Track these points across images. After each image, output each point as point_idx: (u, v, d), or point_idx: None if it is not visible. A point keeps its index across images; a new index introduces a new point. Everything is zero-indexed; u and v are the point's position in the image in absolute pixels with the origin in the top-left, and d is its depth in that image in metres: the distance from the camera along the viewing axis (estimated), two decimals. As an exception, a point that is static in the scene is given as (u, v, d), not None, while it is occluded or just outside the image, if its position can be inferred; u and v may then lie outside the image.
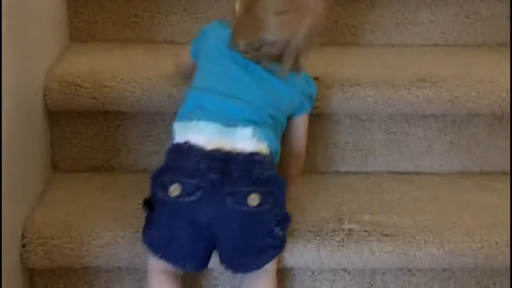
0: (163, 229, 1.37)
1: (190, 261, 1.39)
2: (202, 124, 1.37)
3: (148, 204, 1.39)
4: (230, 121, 1.38)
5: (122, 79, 1.61)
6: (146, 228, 1.39)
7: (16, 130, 1.43)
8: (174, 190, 1.33)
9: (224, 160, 1.35)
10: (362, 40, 1.89)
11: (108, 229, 1.46)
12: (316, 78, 1.59)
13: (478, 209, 1.58)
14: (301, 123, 1.55)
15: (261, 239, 1.39)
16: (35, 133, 1.58)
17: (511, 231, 1.48)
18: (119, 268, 1.51)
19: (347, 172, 1.72)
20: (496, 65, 1.76)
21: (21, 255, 1.45)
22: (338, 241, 1.47)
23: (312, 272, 1.53)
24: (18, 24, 1.45)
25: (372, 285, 1.54)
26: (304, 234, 1.47)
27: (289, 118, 1.51)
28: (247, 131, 1.38)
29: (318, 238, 1.47)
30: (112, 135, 1.68)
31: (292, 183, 1.54)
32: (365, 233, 1.48)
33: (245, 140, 1.37)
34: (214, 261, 1.40)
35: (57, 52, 1.74)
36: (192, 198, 1.33)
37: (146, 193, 1.39)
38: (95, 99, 1.61)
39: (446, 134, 1.72)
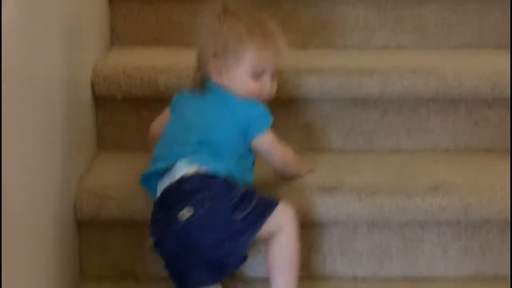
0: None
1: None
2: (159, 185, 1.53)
3: None
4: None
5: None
6: None
7: (49, 238, 1.47)
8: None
9: (164, 197, 1.50)
10: (376, 146, 1.90)
11: None
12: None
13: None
14: (257, 146, 1.61)
15: (225, 232, 1.47)
16: (65, 242, 1.60)
17: None
18: None
19: (364, 278, 1.72)
20: (505, 171, 1.76)
21: None
22: None
23: None
24: (51, 136, 1.50)
25: None
26: None
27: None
28: (183, 159, 1.51)
29: None
30: (138, 243, 1.69)
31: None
32: None
33: (177, 173, 1.51)
34: None
35: (87, 162, 1.78)
36: (155, 241, 1.51)
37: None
38: (122, 209, 1.64)
39: (460, 240, 1.72)
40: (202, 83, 1.62)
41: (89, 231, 1.70)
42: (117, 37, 2.04)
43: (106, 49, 1.99)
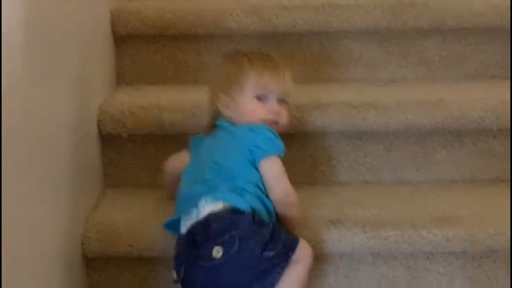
0: None
1: None
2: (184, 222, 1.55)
3: None
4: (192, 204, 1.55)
5: (155, 226, 1.64)
6: None
7: (58, 276, 1.50)
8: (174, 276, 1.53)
9: (191, 234, 1.51)
10: (381, 179, 1.91)
11: None
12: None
13: None
14: (262, 171, 1.61)
15: (254, 271, 1.48)
16: (74, 279, 1.62)
17: None
18: None
19: None
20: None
21: None
22: None
23: None
24: (57, 176, 1.54)
25: None
26: None
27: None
28: (207, 196, 1.53)
29: None
30: (145, 278, 1.71)
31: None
32: None
33: (202, 210, 1.52)
34: None
35: (93, 199, 1.80)
36: (181, 276, 1.51)
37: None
38: (130, 246, 1.66)
39: (466, 270, 1.72)
40: (214, 123, 1.66)
41: (97, 268, 1.71)
42: (123, 77, 2.08)
43: (112, 88, 2.03)
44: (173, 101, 1.86)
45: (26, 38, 1.30)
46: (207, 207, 1.51)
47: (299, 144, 1.89)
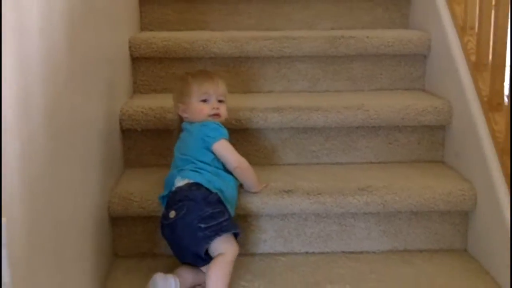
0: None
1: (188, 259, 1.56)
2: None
3: None
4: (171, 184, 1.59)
5: (160, 194, 1.63)
6: None
7: (90, 229, 1.51)
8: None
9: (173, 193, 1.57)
10: (321, 161, 1.92)
11: None
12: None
13: (403, 279, 1.61)
14: (216, 152, 1.62)
15: (191, 235, 1.50)
16: (102, 232, 1.62)
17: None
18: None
19: (313, 253, 1.74)
20: (411, 176, 1.80)
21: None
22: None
23: None
24: (91, 159, 1.54)
25: None
26: None
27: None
28: (178, 177, 1.58)
29: None
30: (154, 232, 1.71)
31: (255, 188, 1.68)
32: None
33: (176, 184, 1.57)
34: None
35: (117, 176, 1.80)
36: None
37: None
38: (142, 208, 1.67)
39: (380, 225, 1.75)
40: (180, 126, 1.68)
41: (119, 224, 1.72)
42: (137, 87, 2.07)
43: (130, 96, 2.02)
44: (172, 104, 1.85)
45: (69, 59, 1.31)
46: (177, 184, 1.56)
47: (263, 136, 1.90)
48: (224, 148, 1.63)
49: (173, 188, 1.57)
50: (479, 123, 1.73)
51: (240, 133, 1.85)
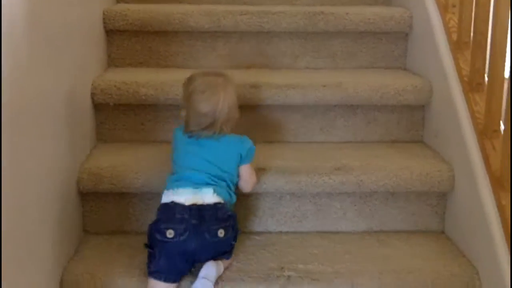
0: (164, 259, 1.42)
1: (179, 275, 1.45)
2: (180, 190, 1.46)
3: (148, 245, 1.45)
4: (196, 185, 1.47)
5: (131, 170, 1.61)
6: (150, 262, 1.44)
7: (59, 205, 1.46)
8: (169, 233, 1.42)
9: (198, 210, 1.44)
10: (298, 139, 1.88)
11: (121, 277, 1.46)
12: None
13: (378, 259, 1.57)
14: (243, 170, 1.56)
15: (223, 250, 1.48)
16: (71, 207, 1.58)
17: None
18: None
19: (287, 232, 1.71)
20: (389, 156, 1.76)
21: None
22: (281, 284, 1.46)
23: None
24: (64, 134, 1.50)
25: None
26: (256, 279, 1.47)
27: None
28: (209, 190, 1.46)
29: (266, 282, 1.47)
30: (124, 208, 1.68)
31: None
32: (300, 278, 1.48)
33: (208, 196, 1.46)
34: None
35: (88, 151, 1.74)
36: (182, 237, 1.42)
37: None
38: (113, 184, 1.62)
39: (355, 205, 1.71)
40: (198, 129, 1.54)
41: (89, 200, 1.67)
42: (112, 61, 2.00)
43: (103, 69, 1.95)
44: (147, 79, 1.79)
45: (31, 33, 1.25)
46: (213, 198, 1.46)
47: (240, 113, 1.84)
48: (251, 170, 1.59)
49: (207, 200, 1.45)
50: (458, 103, 1.70)
51: None
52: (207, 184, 1.48)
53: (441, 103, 1.80)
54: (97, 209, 1.68)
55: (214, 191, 1.47)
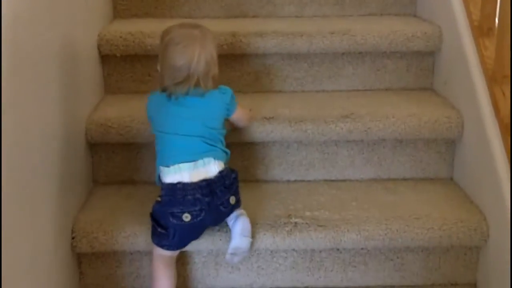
0: (178, 238, 1.40)
1: (185, 245, 1.44)
2: (181, 166, 1.37)
3: (155, 220, 1.40)
4: (194, 155, 1.38)
5: (138, 121, 1.61)
6: (159, 237, 1.40)
7: (68, 156, 1.47)
8: (186, 217, 1.37)
9: (208, 185, 1.37)
10: (305, 88, 1.86)
11: (130, 225, 1.47)
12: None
13: (385, 206, 1.57)
14: (236, 118, 1.53)
15: (234, 208, 1.45)
16: (80, 158, 1.59)
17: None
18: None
19: (295, 181, 1.71)
20: (397, 104, 1.74)
21: (71, 243, 1.47)
22: (288, 231, 1.47)
23: (271, 252, 1.53)
24: (70, 88, 1.50)
25: (312, 260, 1.54)
26: (264, 226, 1.48)
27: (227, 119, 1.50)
28: (210, 160, 1.39)
29: (273, 228, 1.47)
30: (133, 159, 1.68)
31: None
32: (306, 225, 1.49)
33: (211, 166, 1.39)
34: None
35: (96, 102, 1.74)
36: (199, 218, 1.38)
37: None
38: (121, 135, 1.62)
39: (363, 153, 1.70)
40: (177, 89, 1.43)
41: (97, 151, 1.68)
42: (117, 12, 1.97)
43: (109, 21, 1.93)
44: (153, 29, 1.76)
45: None
46: (216, 166, 1.39)
47: (246, 63, 1.82)
48: (242, 111, 1.54)
49: (212, 172, 1.38)
50: (468, 49, 1.66)
51: (222, 59, 1.72)
52: (205, 152, 1.40)
53: (451, 49, 1.76)
54: (106, 160, 1.69)
55: (214, 158, 1.40)
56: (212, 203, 1.38)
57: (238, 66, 1.82)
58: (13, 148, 1.12)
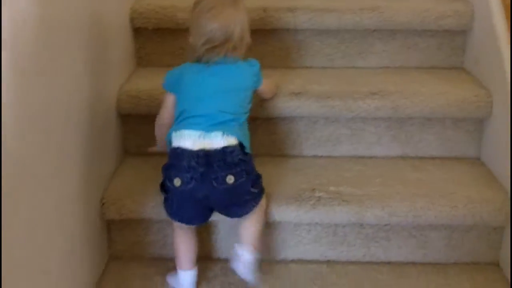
0: (176, 205, 1.40)
1: (195, 220, 1.44)
2: (186, 132, 1.37)
3: (162, 187, 1.42)
4: (205, 126, 1.36)
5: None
6: (165, 204, 1.42)
7: (99, 126, 1.51)
8: (177, 182, 1.36)
9: (206, 156, 1.35)
10: (335, 65, 1.86)
11: (158, 194, 1.47)
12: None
13: (410, 183, 1.57)
14: (262, 91, 1.54)
15: (242, 198, 1.39)
16: (111, 129, 1.63)
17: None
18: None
19: (321, 156, 1.72)
20: (427, 82, 1.73)
21: (101, 210, 1.51)
22: (312, 204, 1.49)
23: (294, 225, 1.55)
24: (103, 60, 1.53)
25: (335, 234, 1.55)
26: (288, 200, 1.50)
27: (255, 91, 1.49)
28: (218, 134, 1.36)
29: (298, 202, 1.49)
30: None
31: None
32: (330, 199, 1.50)
33: (217, 140, 1.36)
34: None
35: (128, 74, 1.77)
36: (189, 186, 1.35)
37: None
38: (151, 107, 1.63)
39: (391, 130, 1.71)
40: (202, 57, 1.44)
41: (128, 122, 1.71)
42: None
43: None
44: (185, 4, 1.76)
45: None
46: (222, 141, 1.35)
47: (276, 38, 1.83)
48: (267, 85, 1.54)
49: (215, 144, 1.35)
50: (500, 27, 1.63)
51: (252, 34, 1.73)
52: (217, 125, 1.37)
53: (482, 29, 1.74)
54: (136, 131, 1.72)
55: (224, 132, 1.36)
56: (205, 175, 1.35)
57: (268, 41, 1.83)
58: (43, 114, 1.16)
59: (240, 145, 1.38)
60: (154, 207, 1.50)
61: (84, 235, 1.41)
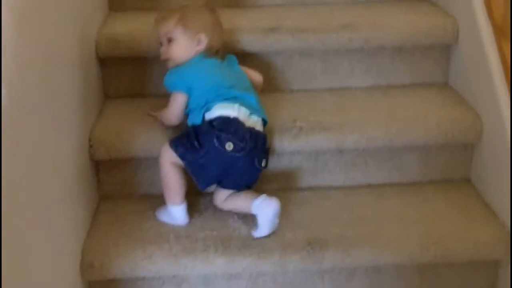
0: (202, 160, 1.43)
1: (203, 184, 1.48)
2: (242, 108, 1.45)
3: (195, 133, 1.44)
4: (251, 109, 1.47)
5: (147, 35, 1.64)
6: (187, 149, 1.44)
7: (80, 70, 1.51)
8: (229, 146, 1.41)
9: (255, 135, 1.44)
10: (307, 1, 1.90)
11: (144, 133, 1.53)
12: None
13: (384, 110, 1.63)
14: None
15: (253, 179, 1.51)
16: (92, 72, 1.63)
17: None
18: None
19: (298, 90, 1.76)
20: (396, 14, 1.78)
21: (89, 152, 1.53)
22: (294, 134, 1.54)
23: (277, 155, 1.59)
24: (81, 7, 1.54)
25: (317, 160, 1.61)
26: (271, 131, 1.53)
27: None
28: (259, 119, 1.48)
29: (279, 133, 1.54)
30: (142, 73, 1.73)
31: None
32: (311, 128, 1.55)
33: (259, 125, 1.48)
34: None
35: (102, 19, 1.78)
36: (238, 154, 1.42)
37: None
38: (130, 48, 1.66)
39: (363, 62, 1.76)
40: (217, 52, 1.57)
41: (107, 65, 1.72)
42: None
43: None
44: None
45: None
46: (259, 124, 1.48)
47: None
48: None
49: (257, 126, 1.46)
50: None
51: None
52: (258, 111, 1.49)
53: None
54: (116, 74, 1.73)
55: (262, 121, 1.49)
56: (253, 151, 1.43)
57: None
58: (29, 63, 1.17)
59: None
60: (141, 144, 1.53)
61: (76, 176, 1.43)
